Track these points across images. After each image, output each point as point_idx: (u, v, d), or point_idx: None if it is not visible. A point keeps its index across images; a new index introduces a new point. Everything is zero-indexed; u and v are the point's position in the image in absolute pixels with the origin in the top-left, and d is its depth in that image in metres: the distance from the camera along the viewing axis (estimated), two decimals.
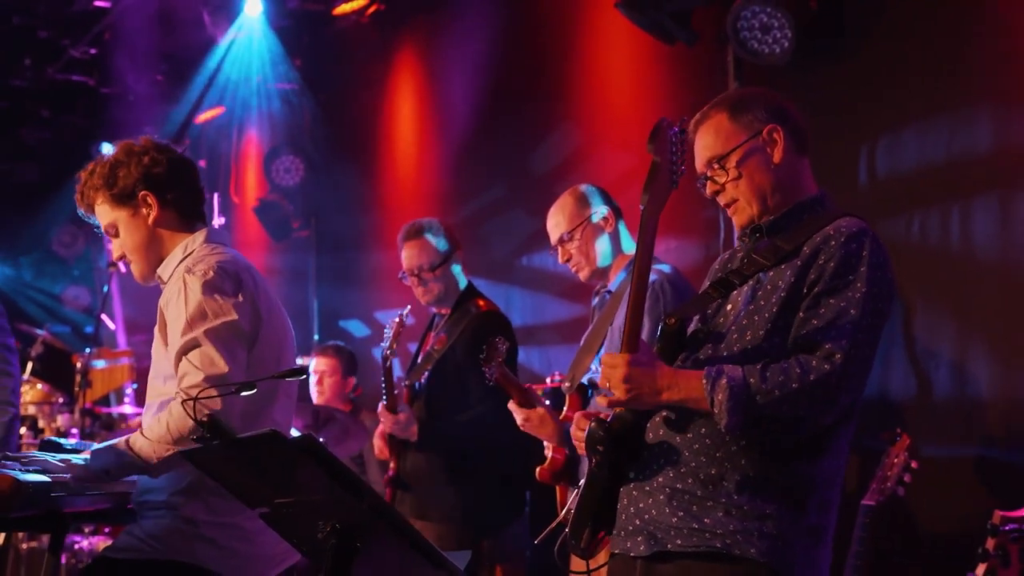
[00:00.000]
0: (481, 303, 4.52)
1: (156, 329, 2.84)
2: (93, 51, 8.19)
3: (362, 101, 7.64)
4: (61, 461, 2.79)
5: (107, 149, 8.78)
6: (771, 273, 2.37)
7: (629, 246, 3.77)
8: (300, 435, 2.00)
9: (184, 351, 2.70)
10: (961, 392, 3.81)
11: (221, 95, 8.15)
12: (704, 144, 2.47)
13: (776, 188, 2.45)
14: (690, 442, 2.31)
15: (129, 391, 7.55)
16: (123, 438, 2.73)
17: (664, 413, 2.35)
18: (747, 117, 2.46)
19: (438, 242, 4.48)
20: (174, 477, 2.78)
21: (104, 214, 2.97)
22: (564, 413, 3.76)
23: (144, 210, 2.94)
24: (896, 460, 3.37)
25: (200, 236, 2.94)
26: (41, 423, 6.78)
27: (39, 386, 6.96)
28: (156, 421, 2.70)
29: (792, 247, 2.36)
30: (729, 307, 2.42)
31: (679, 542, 2.28)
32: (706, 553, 2.26)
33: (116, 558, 2.80)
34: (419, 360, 4.59)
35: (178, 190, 2.97)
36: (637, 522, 2.34)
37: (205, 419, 2.14)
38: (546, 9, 6.12)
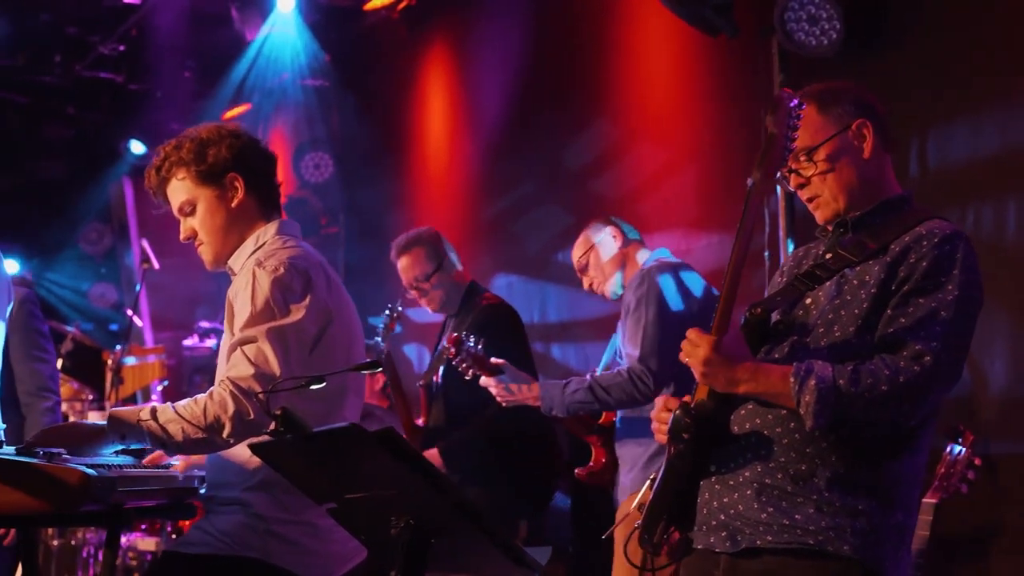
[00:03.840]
0: (486, 295, 4.54)
1: (224, 321, 2.81)
2: (122, 48, 8.18)
3: (392, 96, 7.60)
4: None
5: (136, 147, 8.78)
6: (857, 269, 2.33)
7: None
8: (381, 428, 1.97)
9: (241, 343, 2.66)
10: (1018, 388, 3.76)
11: (249, 91, 8.13)
12: None
13: (863, 184, 2.42)
14: (779, 436, 2.27)
15: (158, 388, 7.54)
16: (149, 405, 2.68)
17: (751, 405, 2.31)
18: (837, 110, 2.42)
19: (427, 251, 4.51)
20: (245, 473, 2.75)
21: (183, 190, 2.90)
22: None
23: (230, 193, 2.90)
24: (959, 457, 3.33)
25: (272, 227, 2.91)
26: (72, 420, 6.77)
27: (69, 383, 6.94)
28: (193, 402, 2.62)
29: (879, 245, 2.32)
30: (808, 301, 2.37)
31: (769, 538, 2.24)
32: (797, 550, 2.22)
33: (187, 553, 2.77)
34: (432, 361, 4.62)
35: (262, 178, 2.95)
36: (722, 517, 2.29)
37: (278, 412, 2.11)
38: (582, 0, 6.06)
